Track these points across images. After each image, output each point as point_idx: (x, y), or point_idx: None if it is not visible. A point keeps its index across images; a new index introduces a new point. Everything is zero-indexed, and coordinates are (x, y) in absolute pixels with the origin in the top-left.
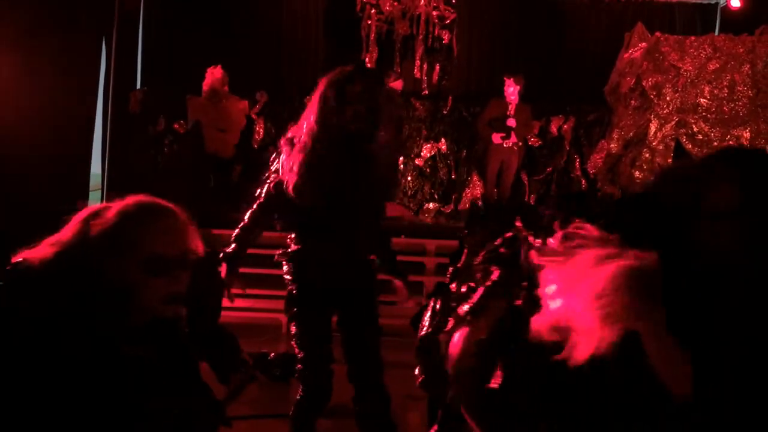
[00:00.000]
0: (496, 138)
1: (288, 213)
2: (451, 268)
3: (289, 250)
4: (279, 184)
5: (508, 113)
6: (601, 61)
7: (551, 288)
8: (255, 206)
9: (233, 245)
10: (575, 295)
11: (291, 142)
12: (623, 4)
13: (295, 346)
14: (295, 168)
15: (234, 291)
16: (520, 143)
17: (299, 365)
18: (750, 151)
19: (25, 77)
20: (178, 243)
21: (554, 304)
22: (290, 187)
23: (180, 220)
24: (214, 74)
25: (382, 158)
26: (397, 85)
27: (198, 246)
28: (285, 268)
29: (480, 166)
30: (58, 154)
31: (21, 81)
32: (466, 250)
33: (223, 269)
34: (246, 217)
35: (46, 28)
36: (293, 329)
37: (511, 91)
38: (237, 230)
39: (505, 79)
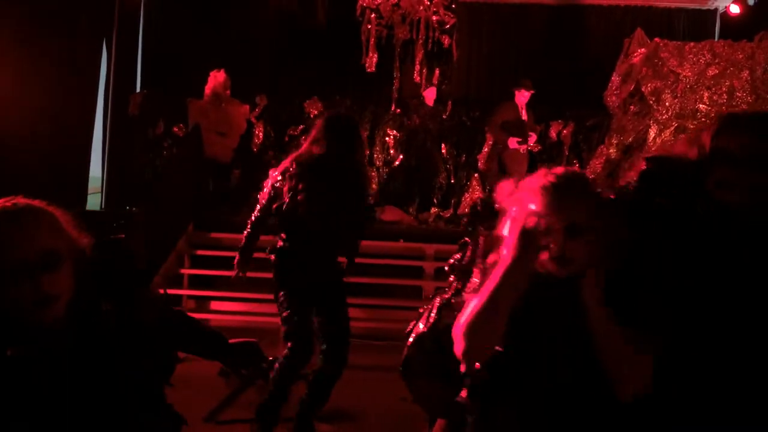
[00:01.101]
0: (513, 143)
1: (281, 219)
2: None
3: (277, 246)
4: (277, 199)
5: (522, 118)
6: (601, 66)
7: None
8: (257, 212)
9: (244, 240)
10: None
11: (300, 166)
12: (623, 10)
13: (283, 312)
14: (300, 189)
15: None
16: (530, 148)
17: (284, 327)
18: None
19: (26, 80)
20: (35, 244)
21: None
22: (291, 203)
23: (39, 220)
24: (216, 77)
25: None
26: (431, 93)
27: (77, 241)
28: (273, 261)
29: (499, 169)
30: (58, 156)
31: (21, 83)
32: (470, 248)
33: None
34: (252, 219)
35: (46, 31)
36: (281, 298)
37: (523, 98)
38: (246, 230)
39: (515, 91)
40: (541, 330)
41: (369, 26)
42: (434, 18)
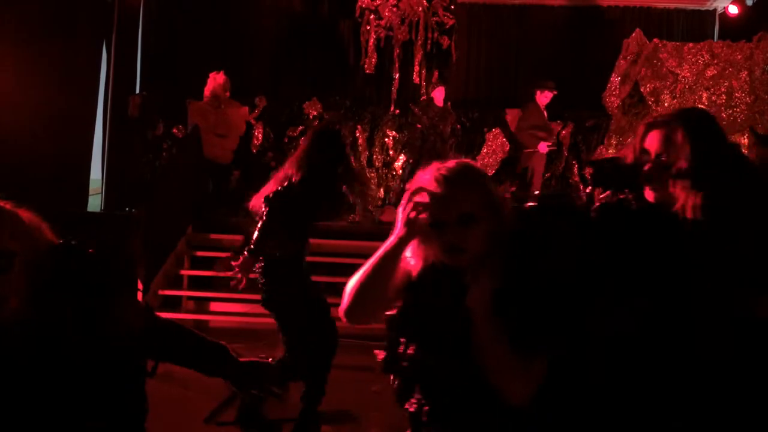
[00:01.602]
0: (543, 147)
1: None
2: None
3: (278, 256)
4: (281, 205)
5: (546, 119)
6: (599, 67)
7: None
8: (265, 218)
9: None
10: None
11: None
12: (621, 11)
13: (296, 320)
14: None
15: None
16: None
17: (296, 334)
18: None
19: (27, 82)
20: None
21: None
22: (292, 209)
23: None
24: (216, 79)
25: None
26: (440, 92)
27: (39, 244)
28: (277, 271)
29: (524, 172)
30: (59, 158)
31: (22, 85)
32: None
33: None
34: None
35: (46, 33)
36: (294, 306)
37: (545, 99)
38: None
39: (537, 91)
40: (435, 321)
41: (368, 27)
42: (433, 19)
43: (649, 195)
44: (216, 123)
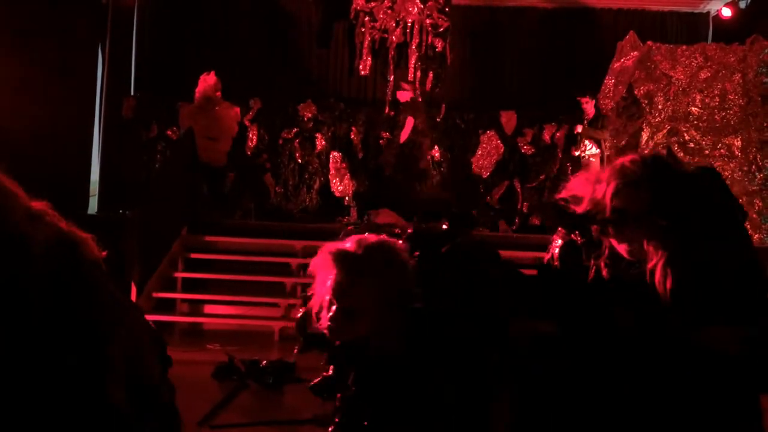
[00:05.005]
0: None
1: None
2: None
3: None
4: None
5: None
6: (594, 69)
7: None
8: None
9: None
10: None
11: None
12: (615, 13)
13: None
14: None
15: None
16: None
17: None
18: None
19: (25, 84)
20: None
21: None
22: None
23: None
24: (206, 81)
25: None
26: (402, 95)
27: None
28: None
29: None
30: (59, 161)
31: (22, 88)
32: None
33: None
34: None
35: (43, 36)
36: None
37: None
38: None
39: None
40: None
41: (363, 29)
42: (428, 21)
43: (622, 249)
44: (207, 126)
